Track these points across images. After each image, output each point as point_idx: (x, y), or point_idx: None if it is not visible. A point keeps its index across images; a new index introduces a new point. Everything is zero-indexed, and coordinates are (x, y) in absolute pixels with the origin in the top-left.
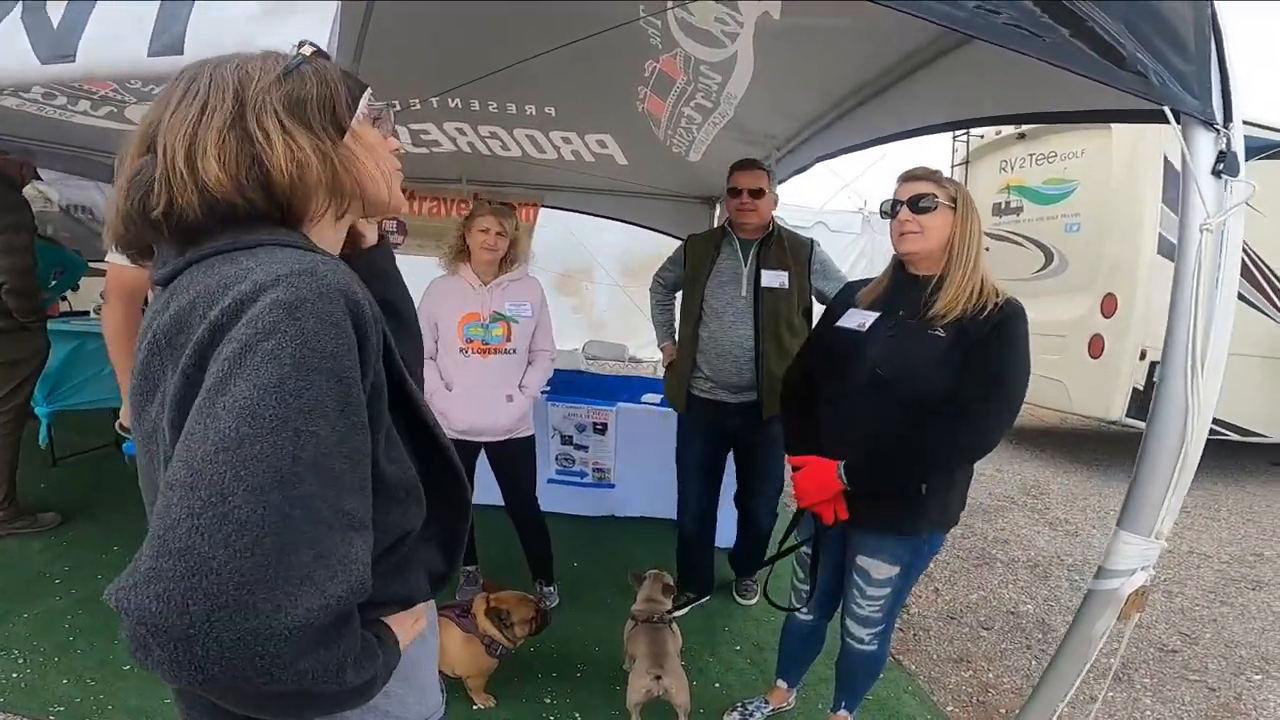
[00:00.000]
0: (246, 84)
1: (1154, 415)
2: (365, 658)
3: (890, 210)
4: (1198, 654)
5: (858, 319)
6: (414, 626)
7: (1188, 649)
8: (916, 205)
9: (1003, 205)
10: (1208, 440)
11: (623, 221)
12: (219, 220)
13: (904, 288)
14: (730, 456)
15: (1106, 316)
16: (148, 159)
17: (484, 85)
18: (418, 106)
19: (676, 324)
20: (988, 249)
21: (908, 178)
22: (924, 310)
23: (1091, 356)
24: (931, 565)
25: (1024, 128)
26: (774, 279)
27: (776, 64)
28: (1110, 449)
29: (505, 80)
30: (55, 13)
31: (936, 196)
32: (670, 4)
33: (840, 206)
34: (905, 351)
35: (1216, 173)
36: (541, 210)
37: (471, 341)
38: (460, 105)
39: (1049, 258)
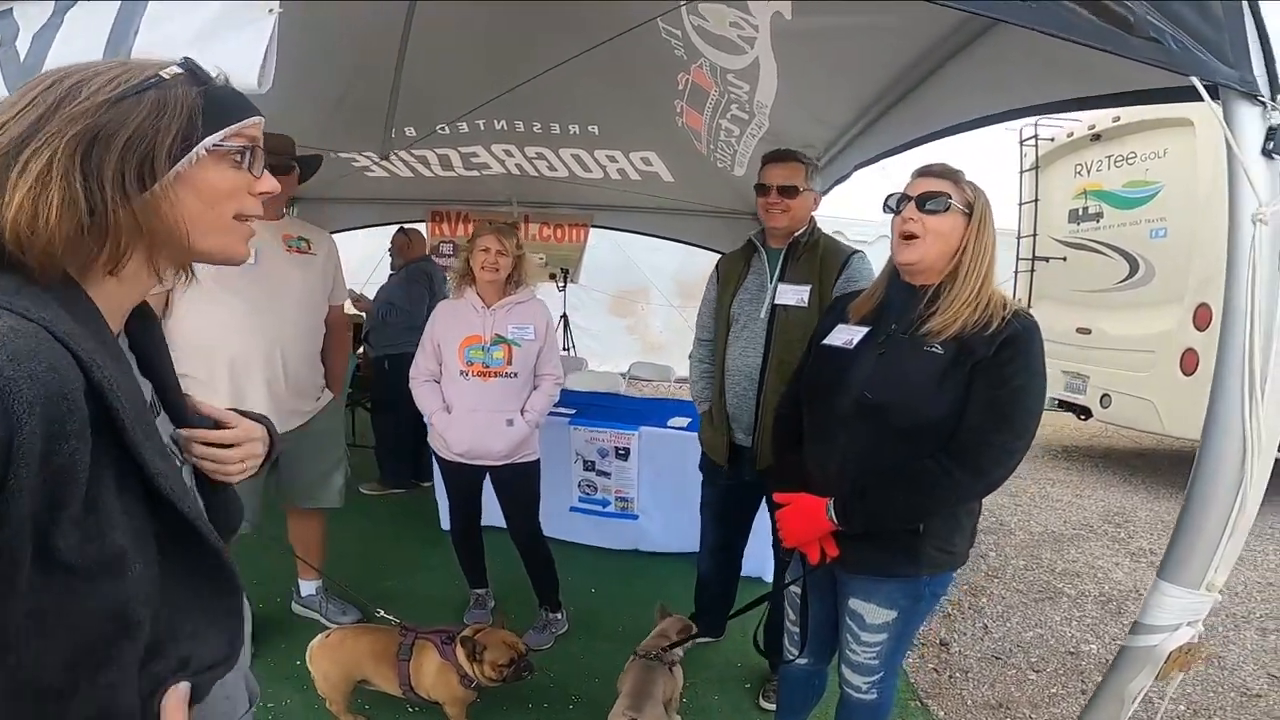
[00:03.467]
0: (62, 106)
1: (1204, 449)
2: None
3: (895, 206)
4: None
5: (845, 335)
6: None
7: (1274, 693)
8: (924, 204)
9: (1080, 211)
10: None
11: (673, 240)
12: None
13: (898, 299)
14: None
15: (1200, 329)
16: None
17: (528, 105)
18: (446, 131)
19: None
20: (1064, 259)
21: (923, 172)
22: (917, 324)
23: (1184, 373)
24: (984, 600)
25: (1098, 128)
26: (791, 295)
27: (799, 68)
28: None
29: (547, 98)
30: (23, 46)
31: (950, 198)
32: (681, 2)
33: None
34: (896, 371)
35: (1268, 153)
36: (594, 231)
37: (472, 364)
38: (506, 126)
39: (1134, 266)
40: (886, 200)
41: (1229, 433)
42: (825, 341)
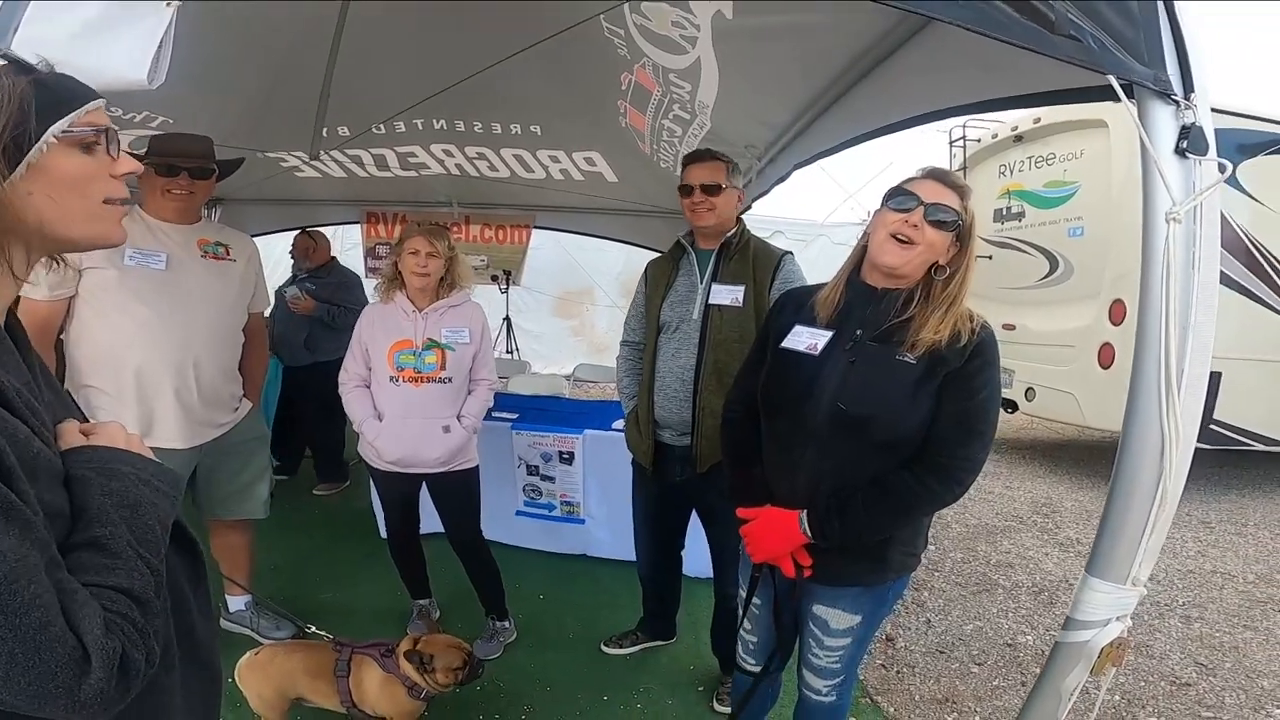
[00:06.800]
0: None
1: (1124, 446)
2: None
3: (896, 203)
4: (1214, 687)
5: (806, 339)
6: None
7: (1204, 681)
8: (933, 215)
9: (1004, 211)
10: (1234, 450)
11: (617, 240)
12: None
13: (859, 302)
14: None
15: (1115, 324)
16: None
17: (468, 104)
18: (382, 131)
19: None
20: (989, 256)
21: (936, 176)
22: (892, 334)
23: (1102, 366)
24: (926, 594)
25: (1020, 129)
26: (726, 295)
27: (739, 68)
28: None
29: (488, 97)
30: None
31: (958, 216)
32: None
33: (844, 219)
34: (872, 382)
35: (1181, 152)
36: (538, 232)
37: (403, 370)
38: (446, 126)
39: (1053, 264)
40: (890, 194)
41: (1148, 428)
42: (785, 345)
